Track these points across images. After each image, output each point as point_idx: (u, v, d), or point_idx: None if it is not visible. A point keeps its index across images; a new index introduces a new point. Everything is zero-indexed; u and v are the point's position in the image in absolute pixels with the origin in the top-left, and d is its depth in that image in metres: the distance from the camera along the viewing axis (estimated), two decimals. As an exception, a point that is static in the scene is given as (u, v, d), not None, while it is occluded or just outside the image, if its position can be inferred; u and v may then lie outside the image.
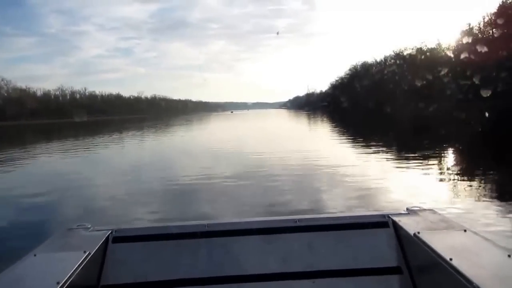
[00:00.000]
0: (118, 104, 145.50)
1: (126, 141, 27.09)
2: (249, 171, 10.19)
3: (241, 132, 32.50)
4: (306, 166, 10.86)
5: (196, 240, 1.99)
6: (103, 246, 1.90)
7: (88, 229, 2.03)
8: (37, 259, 1.65)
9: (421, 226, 1.85)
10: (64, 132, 46.64)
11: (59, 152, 19.95)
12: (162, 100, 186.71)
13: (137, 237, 2.01)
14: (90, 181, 10.12)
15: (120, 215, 6.46)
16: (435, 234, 1.72)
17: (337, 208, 6.27)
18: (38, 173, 12.72)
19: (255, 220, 2.14)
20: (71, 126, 67.65)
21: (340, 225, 2.02)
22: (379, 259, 1.90)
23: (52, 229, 5.49)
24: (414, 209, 2.08)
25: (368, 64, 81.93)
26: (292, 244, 1.97)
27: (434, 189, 7.55)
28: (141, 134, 35.30)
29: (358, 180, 8.55)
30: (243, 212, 6.19)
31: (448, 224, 1.86)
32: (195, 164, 12.20)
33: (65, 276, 1.47)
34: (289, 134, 27.57)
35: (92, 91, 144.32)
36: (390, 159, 12.24)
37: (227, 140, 23.05)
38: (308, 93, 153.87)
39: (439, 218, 1.95)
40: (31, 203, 7.76)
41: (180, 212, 6.54)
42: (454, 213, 5.34)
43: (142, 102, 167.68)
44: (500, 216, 5.50)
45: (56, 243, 1.88)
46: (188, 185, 8.82)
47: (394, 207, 4.51)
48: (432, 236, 1.68)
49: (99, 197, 8.06)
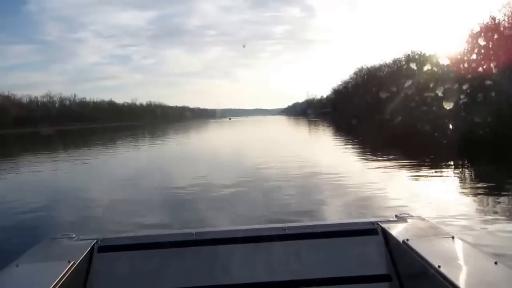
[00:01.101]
0: (110, 111, 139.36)
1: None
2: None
3: (238, 151, 21.78)
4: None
5: (184, 248, 1.96)
6: (88, 255, 1.86)
7: (73, 238, 2.01)
8: (19, 270, 1.62)
9: (410, 233, 1.85)
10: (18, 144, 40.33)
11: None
12: (157, 107, 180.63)
13: (124, 246, 1.97)
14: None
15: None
16: (424, 242, 1.73)
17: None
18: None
19: (244, 228, 2.10)
20: (44, 137, 61.35)
21: (329, 232, 2.03)
22: (369, 266, 1.91)
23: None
24: (403, 216, 2.10)
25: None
26: (281, 253, 1.96)
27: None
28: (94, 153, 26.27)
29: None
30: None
31: (437, 231, 1.88)
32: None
33: (49, 287, 1.43)
34: (298, 150, 19.46)
35: (82, 97, 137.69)
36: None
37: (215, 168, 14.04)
38: (308, 99, 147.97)
39: (427, 225, 1.98)
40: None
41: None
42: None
43: (136, 109, 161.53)
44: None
45: (39, 253, 1.85)
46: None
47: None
48: (421, 244, 1.69)
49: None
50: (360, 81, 74.92)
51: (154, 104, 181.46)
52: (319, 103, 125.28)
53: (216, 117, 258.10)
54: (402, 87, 38.30)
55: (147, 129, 74.40)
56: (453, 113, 22.02)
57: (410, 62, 54.25)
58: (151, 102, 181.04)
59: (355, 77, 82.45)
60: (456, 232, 3.11)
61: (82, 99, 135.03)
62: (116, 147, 30.10)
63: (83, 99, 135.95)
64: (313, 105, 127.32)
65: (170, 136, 46.01)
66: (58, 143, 38.99)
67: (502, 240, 5.01)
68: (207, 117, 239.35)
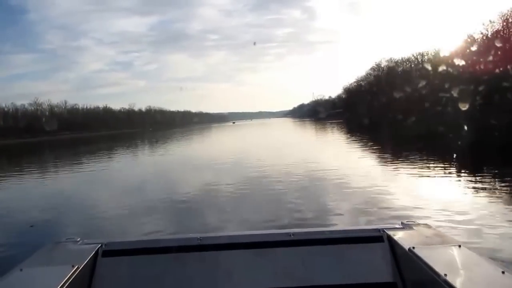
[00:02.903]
0: (105, 118, 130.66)
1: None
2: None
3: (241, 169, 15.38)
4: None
5: (188, 253, 1.94)
6: (92, 260, 1.85)
7: (77, 242, 1.99)
8: (23, 274, 1.61)
9: (416, 241, 1.83)
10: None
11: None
12: (157, 112, 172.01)
13: (128, 250, 1.96)
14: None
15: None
16: (430, 249, 1.70)
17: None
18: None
19: (249, 234, 2.09)
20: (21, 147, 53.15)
21: (334, 239, 2.00)
22: (374, 274, 1.89)
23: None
24: (409, 223, 2.07)
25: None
26: (286, 259, 1.94)
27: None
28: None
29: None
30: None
31: (443, 239, 1.86)
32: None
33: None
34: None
35: (73, 104, 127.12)
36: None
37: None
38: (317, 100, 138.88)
39: (434, 233, 1.95)
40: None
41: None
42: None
43: (134, 115, 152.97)
44: None
45: (43, 257, 1.84)
46: None
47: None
48: (427, 252, 1.67)
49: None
50: (384, 74, 65.56)
51: (154, 109, 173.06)
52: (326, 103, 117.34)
53: (220, 121, 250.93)
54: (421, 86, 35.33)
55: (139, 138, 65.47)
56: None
57: (424, 62, 51.98)
58: (150, 108, 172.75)
59: (373, 74, 73.50)
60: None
61: (73, 106, 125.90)
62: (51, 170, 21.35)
63: (75, 106, 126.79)
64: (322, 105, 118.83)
65: (156, 149, 37.38)
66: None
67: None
68: (211, 122, 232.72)
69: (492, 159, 13.21)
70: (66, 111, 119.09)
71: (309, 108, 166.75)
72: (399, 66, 62.88)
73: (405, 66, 61.57)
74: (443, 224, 5.70)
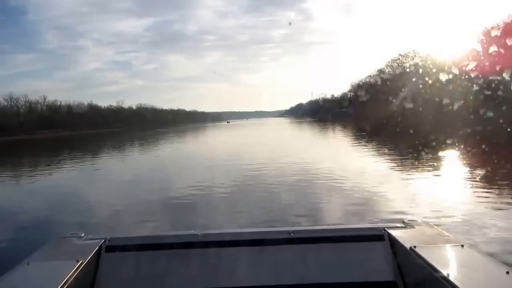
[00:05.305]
0: (90, 115, 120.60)
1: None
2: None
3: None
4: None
5: (189, 250, 1.94)
6: (96, 255, 1.87)
7: (81, 237, 2.02)
8: (30, 268, 1.63)
9: (418, 240, 1.78)
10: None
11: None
12: (148, 110, 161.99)
13: (131, 246, 1.97)
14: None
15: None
16: (432, 249, 1.65)
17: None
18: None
19: (250, 231, 2.08)
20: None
21: (335, 237, 1.96)
22: (375, 273, 1.85)
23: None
24: (411, 222, 2.02)
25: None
26: (286, 256, 1.92)
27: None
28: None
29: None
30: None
31: (445, 238, 1.81)
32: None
33: (58, 285, 1.43)
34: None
35: (54, 100, 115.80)
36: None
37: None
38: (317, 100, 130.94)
39: (435, 232, 1.91)
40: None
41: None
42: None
43: (122, 112, 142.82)
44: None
45: (49, 252, 1.89)
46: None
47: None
48: (429, 251, 1.62)
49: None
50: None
51: (144, 107, 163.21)
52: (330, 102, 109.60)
53: (215, 120, 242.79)
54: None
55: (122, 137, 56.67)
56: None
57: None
58: (141, 105, 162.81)
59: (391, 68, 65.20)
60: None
61: (53, 102, 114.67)
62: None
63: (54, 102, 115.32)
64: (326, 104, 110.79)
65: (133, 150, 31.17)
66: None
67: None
68: (205, 121, 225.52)
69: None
70: (46, 108, 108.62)
71: (307, 107, 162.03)
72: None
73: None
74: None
